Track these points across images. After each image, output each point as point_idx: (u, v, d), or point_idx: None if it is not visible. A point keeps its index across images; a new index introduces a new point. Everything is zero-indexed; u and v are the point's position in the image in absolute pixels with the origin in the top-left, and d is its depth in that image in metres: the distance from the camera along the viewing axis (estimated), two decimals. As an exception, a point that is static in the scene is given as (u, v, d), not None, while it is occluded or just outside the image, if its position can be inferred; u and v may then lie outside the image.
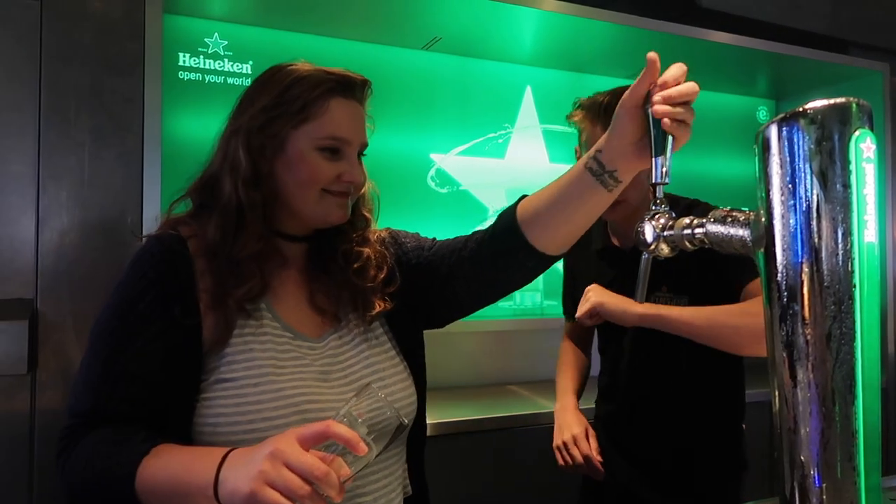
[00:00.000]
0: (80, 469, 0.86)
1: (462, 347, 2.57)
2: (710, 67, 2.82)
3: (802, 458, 0.62)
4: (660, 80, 0.83)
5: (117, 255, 1.75)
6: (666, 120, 0.81)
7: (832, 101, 0.60)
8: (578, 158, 1.42)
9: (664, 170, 0.84)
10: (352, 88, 1.01)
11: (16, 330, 1.61)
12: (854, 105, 0.60)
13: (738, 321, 1.25)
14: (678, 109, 0.81)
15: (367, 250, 1.06)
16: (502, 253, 1.01)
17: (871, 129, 0.60)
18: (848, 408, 0.59)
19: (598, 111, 1.37)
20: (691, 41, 2.51)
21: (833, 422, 0.60)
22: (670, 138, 0.83)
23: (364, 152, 1.04)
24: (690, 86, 0.82)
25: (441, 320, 1.13)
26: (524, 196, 1.01)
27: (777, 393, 0.64)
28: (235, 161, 0.96)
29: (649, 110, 0.84)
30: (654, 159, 0.84)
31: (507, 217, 1.00)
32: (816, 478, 0.61)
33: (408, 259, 1.10)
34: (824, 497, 0.61)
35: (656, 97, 0.82)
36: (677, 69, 0.83)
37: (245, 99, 1.01)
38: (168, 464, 0.82)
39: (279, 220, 1.01)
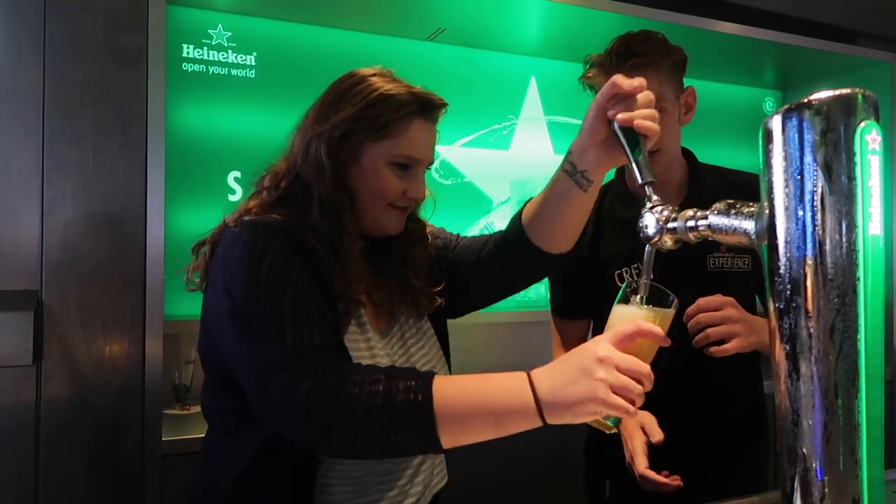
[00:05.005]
0: (354, 397, 0.80)
1: (471, 339, 2.55)
2: (717, 58, 2.80)
3: (805, 451, 0.61)
4: (618, 85, 0.91)
5: (122, 246, 1.76)
6: (638, 122, 0.89)
7: (837, 91, 0.59)
8: None
9: (647, 169, 0.89)
10: (432, 110, 1.04)
11: (21, 321, 1.61)
12: (860, 96, 0.59)
13: None
14: (643, 113, 0.90)
15: (421, 252, 1.11)
16: (513, 255, 1.08)
17: (878, 120, 0.59)
18: (851, 401, 0.59)
19: (612, 61, 1.30)
20: (698, 31, 2.49)
21: (836, 415, 0.59)
22: (641, 139, 0.90)
23: (430, 167, 1.08)
24: (647, 94, 0.92)
25: (455, 312, 1.18)
26: (530, 199, 1.08)
27: (779, 386, 0.64)
28: (319, 164, 0.99)
29: (615, 124, 0.92)
30: (633, 162, 0.90)
31: (515, 221, 1.08)
32: (818, 471, 0.61)
33: (436, 256, 1.17)
34: (826, 490, 0.60)
35: (620, 116, 0.91)
36: (637, 81, 0.91)
37: (327, 104, 1.03)
38: (463, 387, 0.81)
39: None
